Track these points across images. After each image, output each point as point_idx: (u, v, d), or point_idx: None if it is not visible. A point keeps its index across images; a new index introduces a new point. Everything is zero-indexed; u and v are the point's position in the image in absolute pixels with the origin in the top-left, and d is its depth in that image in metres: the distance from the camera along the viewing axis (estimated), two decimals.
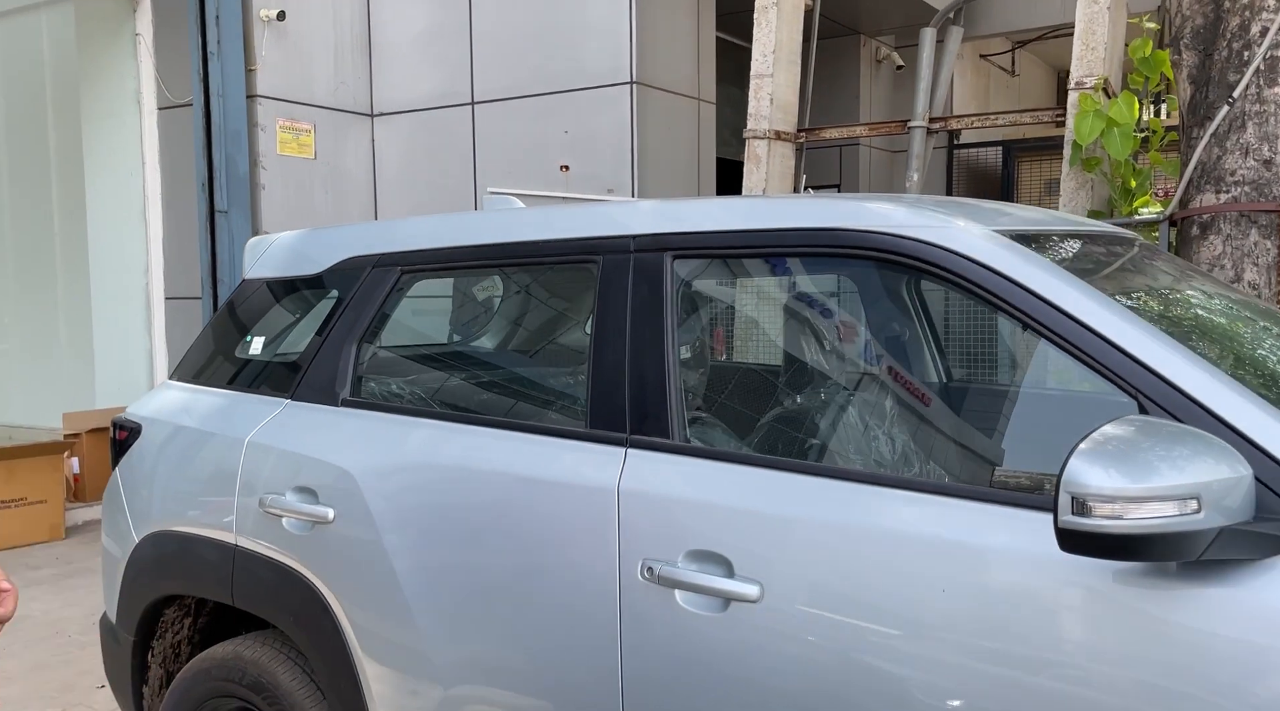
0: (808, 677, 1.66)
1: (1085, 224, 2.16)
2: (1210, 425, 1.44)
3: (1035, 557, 1.48)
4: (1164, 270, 2.07)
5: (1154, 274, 2.00)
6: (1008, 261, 1.67)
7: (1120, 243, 2.09)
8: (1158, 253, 2.17)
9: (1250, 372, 1.68)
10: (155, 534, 2.58)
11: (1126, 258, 1.99)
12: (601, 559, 1.90)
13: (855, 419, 2.04)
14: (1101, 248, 1.97)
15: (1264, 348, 1.81)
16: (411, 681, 2.13)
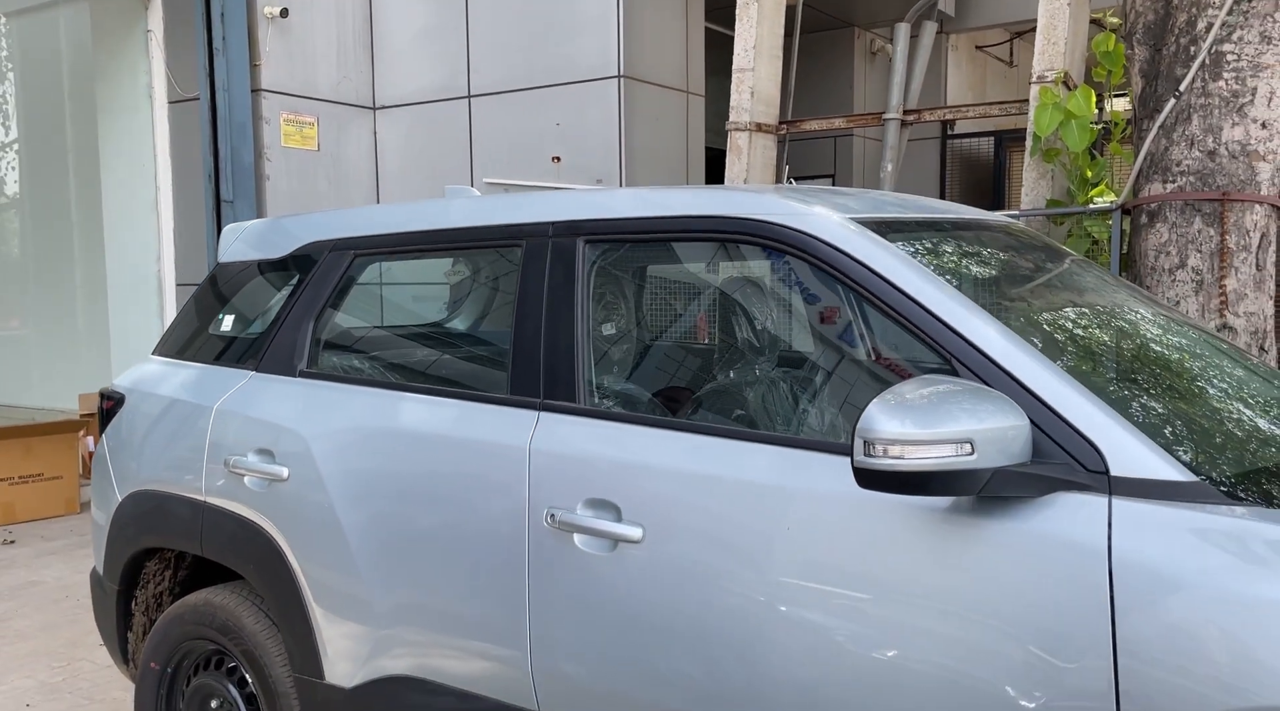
0: (680, 606, 1.90)
1: (953, 212, 2.37)
2: (1005, 382, 1.66)
3: (858, 497, 1.72)
4: (1013, 253, 2.29)
5: (1000, 255, 2.23)
6: (853, 243, 1.90)
7: (978, 228, 2.31)
8: (1020, 238, 2.39)
9: (1053, 339, 1.90)
10: (135, 493, 2.85)
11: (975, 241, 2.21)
12: (513, 509, 2.14)
13: (729, 383, 2.28)
14: (951, 233, 2.20)
15: (1073, 318, 2.04)
16: (354, 621, 2.39)
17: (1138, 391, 1.84)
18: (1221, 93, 4.55)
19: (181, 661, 2.82)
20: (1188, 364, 2.07)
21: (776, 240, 1.99)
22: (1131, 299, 2.34)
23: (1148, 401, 1.81)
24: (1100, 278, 2.40)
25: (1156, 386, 1.94)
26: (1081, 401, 1.63)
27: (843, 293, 2.18)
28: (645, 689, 1.96)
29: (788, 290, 2.29)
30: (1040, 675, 1.54)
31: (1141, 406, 1.77)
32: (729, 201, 2.09)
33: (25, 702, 3.77)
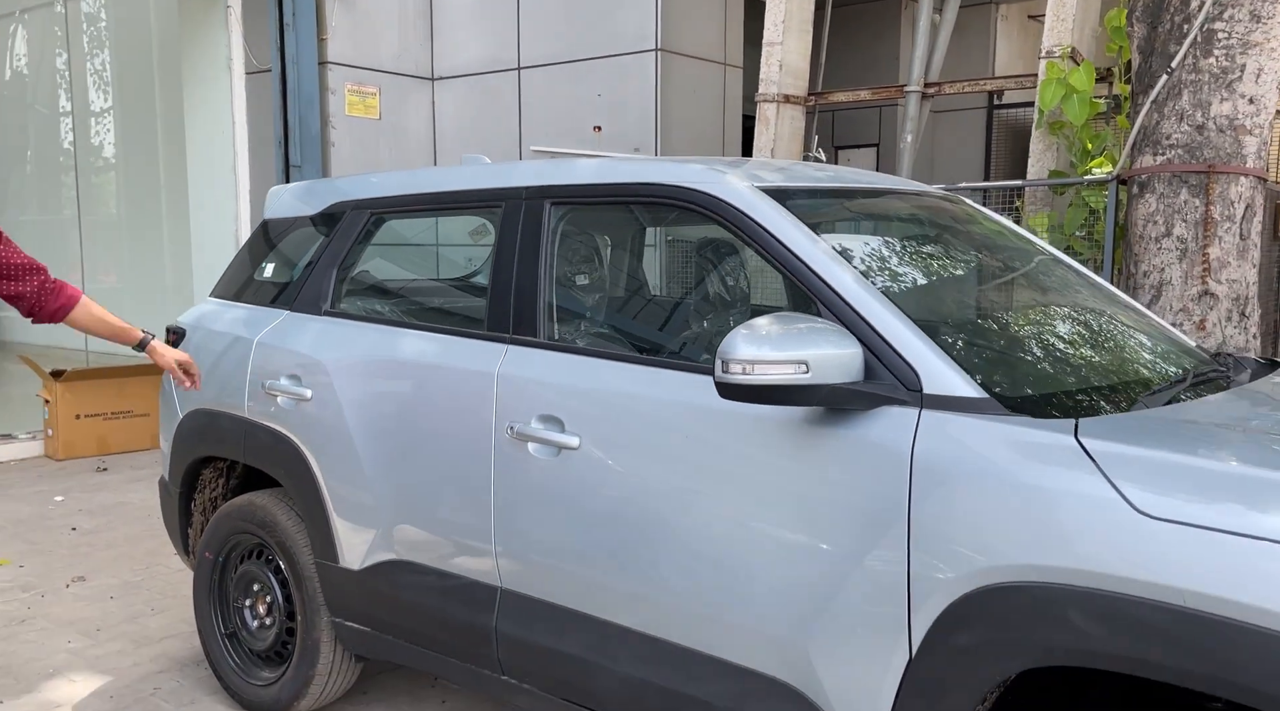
0: (605, 499, 2.36)
1: (869, 182, 2.76)
2: (851, 317, 2.07)
3: (731, 410, 2.14)
4: (909, 218, 2.67)
5: (896, 220, 2.62)
6: (751, 205, 2.31)
7: (888, 196, 2.69)
8: (930, 207, 2.76)
9: (905, 286, 2.29)
10: (193, 411, 3.41)
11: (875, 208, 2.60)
12: (483, 423, 2.62)
13: (654, 321, 2.71)
14: (851, 201, 2.59)
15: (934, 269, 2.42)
16: (361, 515, 2.90)
17: (961, 329, 2.23)
18: (1212, 69, 4.78)
19: (230, 552, 3.37)
20: (1029, 311, 2.45)
21: (696, 203, 2.41)
22: (1011, 255, 2.71)
23: (966, 337, 2.20)
24: (987, 240, 2.76)
25: (981, 326, 2.32)
26: (908, 334, 2.03)
27: (742, 245, 2.60)
28: (579, 565, 2.42)
29: (706, 246, 2.71)
30: (860, 545, 1.96)
31: (958, 340, 2.16)
32: (661, 171, 2.51)
33: (110, 595, 4.40)
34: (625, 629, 2.35)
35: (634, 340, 2.74)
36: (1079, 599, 1.71)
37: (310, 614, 3.08)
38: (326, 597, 3.03)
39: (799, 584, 2.04)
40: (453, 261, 3.28)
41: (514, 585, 2.59)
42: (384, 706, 3.38)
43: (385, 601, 2.87)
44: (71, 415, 7.01)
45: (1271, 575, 1.57)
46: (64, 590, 4.48)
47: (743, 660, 2.16)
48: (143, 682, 3.54)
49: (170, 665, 3.69)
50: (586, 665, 2.42)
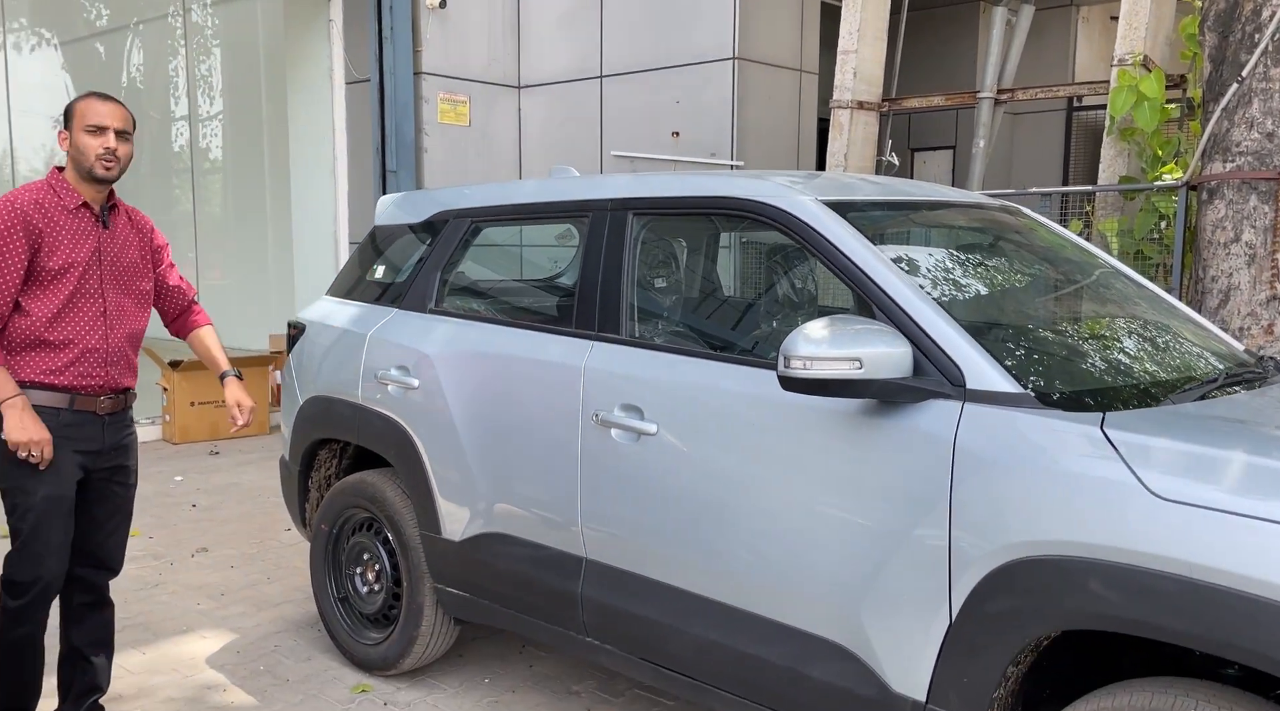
0: (680, 480, 2.65)
1: (929, 195, 3.00)
2: (902, 320, 2.32)
3: (793, 401, 2.41)
4: (966, 228, 2.91)
5: (953, 230, 2.85)
6: (815, 217, 2.58)
7: (944, 208, 2.93)
8: (988, 218, 3.00)
9: (955, 291, 2.53)
10: (312, 397, 3.79)
11: (932, 219, 2.84)
12: (571, 411, 2.93)
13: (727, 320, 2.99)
14: (909, 212, 2.83)
15: (984, 276, 2.66)
16: (461, 492, 3.24)
17: (1002, 331, 2.47)
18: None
19: (343, 524, 3.75)
20: (1070, 315, 2.67)
21: (766, 215, 2.69)
22: (1060, 263, 2.93)
23: (1007, 338, 2.44)
24: (1047, 251, 2.98)
25: (1022, 328, 2.56)
26: (954, 335, 2.27)
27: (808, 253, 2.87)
28: (656, 538, 2.72)
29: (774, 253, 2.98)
30: (907, 523, 2.22)
31: (1000, 341, 2.40)
32: (735, 186, 2.80)
33: (230, 565, 4.84)
34: (697, 596, 2.64)
35: (707, 337, 3.03)
36: (1099, 570, 1.95)
37: (415, 581, 3.43)
38: (430, 566, 3.38)
39: (853, 557, 2.31)
40: (541, 265, 3.61)
41: (597, 556, 2.89)
42: (477, 667, 3.72)
43: (482, 569, 3.21)
44: (187, 402, 7.56)
45: (1270, 550, 1.78)
46: (190, 559, 4.93)
47: (802, 624, 2.43)
48: (264, 641, 3.95)
49: (287, 626, 4.09)
50: (663, 628, 2.71)
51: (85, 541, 3.02)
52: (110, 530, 3.10)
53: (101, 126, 2.85)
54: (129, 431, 3.12)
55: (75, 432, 2.90)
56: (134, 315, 3.06)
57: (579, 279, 3.08)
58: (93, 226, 2.95)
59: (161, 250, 3.21)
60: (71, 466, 2.90)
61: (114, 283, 2.99)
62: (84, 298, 2.91)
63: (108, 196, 3.00)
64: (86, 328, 2.92)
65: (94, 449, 2.96)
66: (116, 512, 3.10)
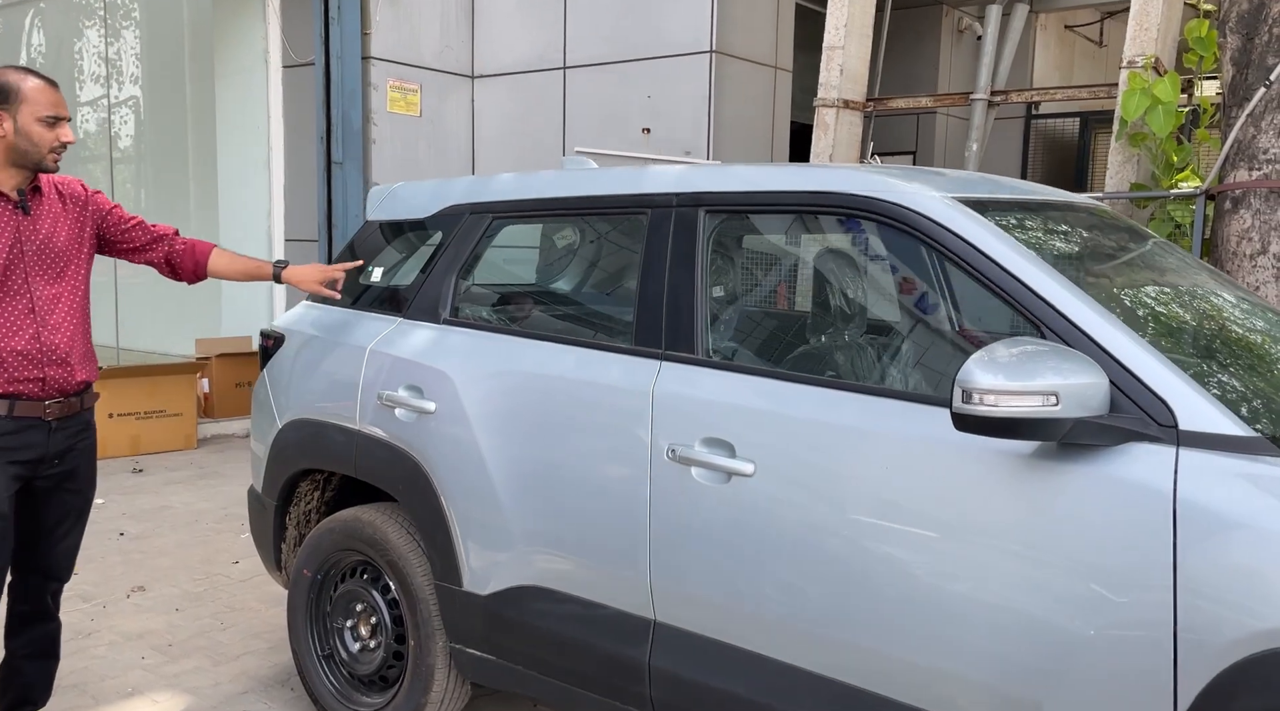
0: (790, 532, 2.20)
1: (1040, 193, 2.62)
2: (1088, 346, 1.92)
3: (945, 440, 1.99)
4: (1097, 232, 2.53)
5: (1084, 233, 2.47)
6: (952, 219, 2.16)
7: (1064, 208, 2.55)
8: (1104, 219, 2.62)
9: (1133, 310, 2.14)
10: (295, 421, 3.23)
11: (1061, 220, 2.45)
12: (638, 444, 2.46)
13: (832, 342, 2.56)
14: (1038, 212, 2.44)
15: (1152, 293, 2.28)
16: (492, 538, 2.73)
17: (1208, 358, 2.09)
18: None
19: (330, 569, 3.20)
20: (1257, 337, 2.30)
21: (881, 214, 2.26)
22: (1210, 279, 2.57)
23: (1216, 367, 2.05)
24: (1181, 259, 2.63)
25: (1226, 355, 2.17)
26: (1156, 364, 1.88)
27: (938, 262, 2.45)
28: (753, 601, 2.26)
29: (889, 261, 2.56)
30: (1113, 594, 1.80)
31: (1210, 371, 2.01)
32: (838, 178, 2.36)
33: (174, 607, 4.22)
34: (808, 672, 2.20)
35: (813, 361, 2.59)
36: None
37: (424, 638, 2.91)
38: (446, 622, 2.86)
39: (1031, 632, 1.89)
40: (579, 270, 3.12)
41: (672, 619, 2.43)
42: None
43: (515, 629, 2.71)
44: (105, 414, 6.80)
45: None
46: (125, 601, 4.29)
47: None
48: (229, 705, 3.37)
49: (254, 684, 3.52)
50: (760, 709, 2.26)
51: (31, 549, 2.81)
52: (59, 537, 2.86)
53: (59, 117, 2.66)
54: (84, 436, 2.84)
55: (13, 441, 2.65)
56: (72, 304, 2.76)
57: (639, 288, 2.61)
58: (10, 215, 2.67)
59: (110, 214, 2.94)
60: (5, 480, 2.64)
61: (42, 273, 2.70)
62: (6, 296, 2.63)
63: (29, 178, 2.69)
64: (11, 329, 2.64)
65: (34, 457, 2.70)
66: (66, 518, 2.86)
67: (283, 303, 8.28)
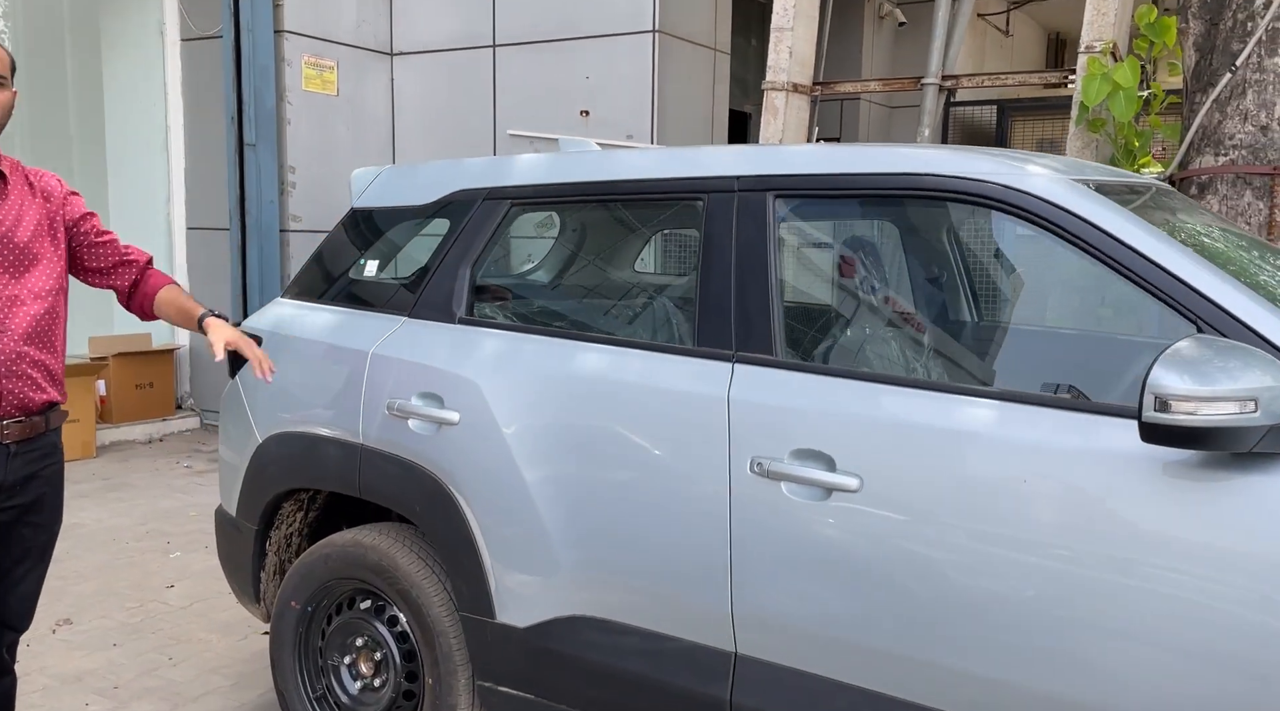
0: (909, 555, 1.98)
1: (1120, 175, 2.46)
2: (1255, 343, 1.75)
3: (1104, 451, 1.80)
4: (1191, 212, 2.38)
5: (1186, 215, 2.32)
6: (1085, 206, 1.97)
7: (1147, 190, 2.40)
8: (1178, 197, 2.49)
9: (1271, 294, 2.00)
10: (280, 435, 2.85)
11: (1166, 202, 2.30)
12: (713, 458, 2.20)
13: (934, 339, 2.35)
14: (1144, 194, 2.28)
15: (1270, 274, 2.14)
16: (533, 564, 2.43)
17: None
18: (1276, 69, 4.69)
19: (323, 600, 2.84)
20: None
21: (994, 199, 2.05)
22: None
23: None
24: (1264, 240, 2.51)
25: None
26: None
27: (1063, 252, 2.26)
28: (862, 631, 2.04)
29: (993, 249, 2.36)
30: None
31: None
32: (940, 160, 2.15)
33: (111, 642, 3.75)
34: (925, 709, 1.98)
35: (913, 362, 2.37)
36: None
37: (445, 676, 2.60)
38: (475, 658, 2.55)
39: (1214, 668, 1.72)
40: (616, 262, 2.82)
41: (758, 651, 2.18)
42: None
43: (563, 665, 2.42)
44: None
45: None
46: (51, 636, 3.80)
47: None
48: None
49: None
50: None
51: None
52: (18, 578, 2.52)
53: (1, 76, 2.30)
54: (50, 461, 2.49)
55: None
56: (34, 310, 2.36)
57: (699, 282, 2.35)
58: None
59: (83, 221, 2.55)
60: None
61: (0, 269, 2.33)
62: None
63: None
64: None
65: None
66: (27, 557, 2.52)
67: None
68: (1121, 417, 1.80)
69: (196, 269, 7.59)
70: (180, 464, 6.57)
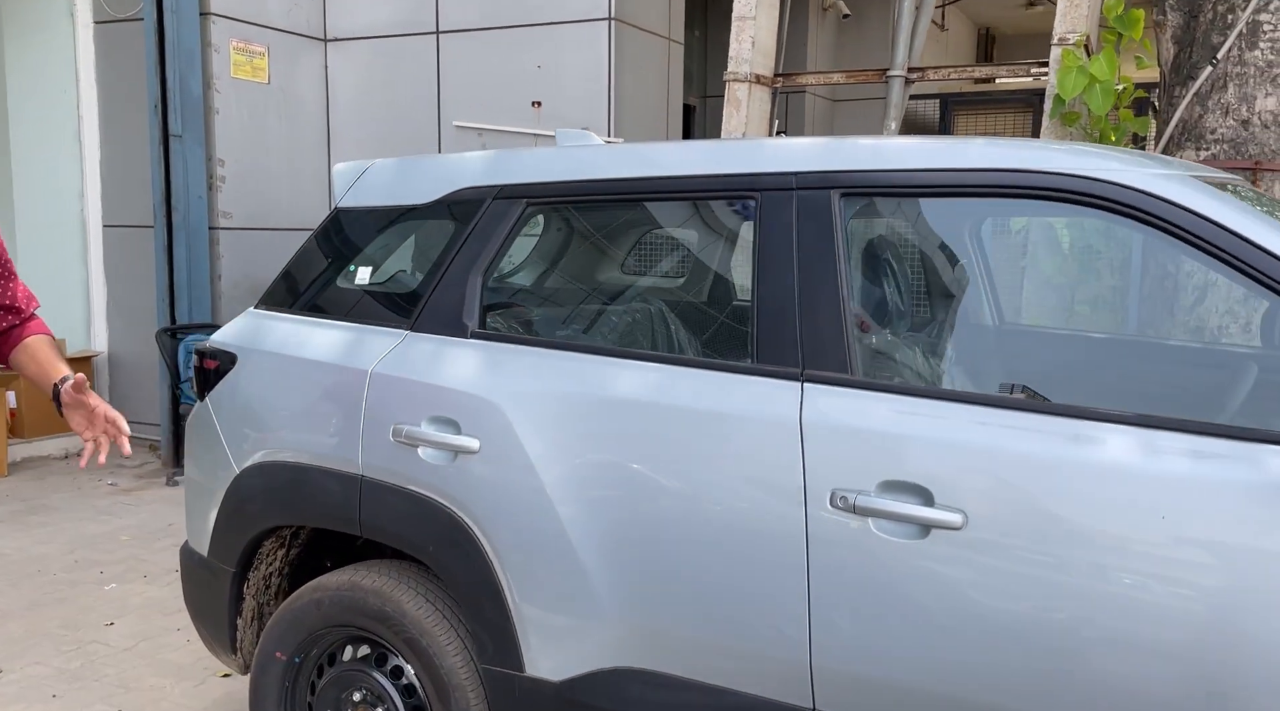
0: (1011, 601, 1.76)
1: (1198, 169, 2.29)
2: None
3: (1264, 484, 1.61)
4: None
5: None
6: (1207, 204, 1.77)
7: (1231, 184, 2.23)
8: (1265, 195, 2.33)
9: None
10: (262, 465, 2.51)
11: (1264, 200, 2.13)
12: (784, 490, 1.95)
13: (1055, 354, 2.14)
14: (1247, 191, 2.11)
15: None
16: (569, 610, 2.15)
17: None
18: (1257, 62, 4.64)
19: (312, 649, 2.52)
20: None
21: (1109, 199, 1.85)
22: None
23: None
24: None
25: None
26: None
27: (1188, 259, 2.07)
28: (958, 686, 1.82)
29: (1108, 255, 2.15)
30: None
31: None
32: (1040, 157, 1.93)
33: (51, 693, 3.34)
34: None
35: (1020, 382, 2.14)
36: None
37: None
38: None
39: None
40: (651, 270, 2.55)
41: (841, 708, 1.94)
42: None
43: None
44: None
45: None
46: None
47: None
48: None
49: None
50: None
51: None
52: None
53: None
54: None
55: None
56: None
57: (755, 291, 2.10)
58: None
59: None
60: None
61: None
62: None
63: None
64: None
65: None
66: None
67: (100, 300, 7.13)
68: None
69: (115, 270, 7.06)
70: (104, 481, 6.07)
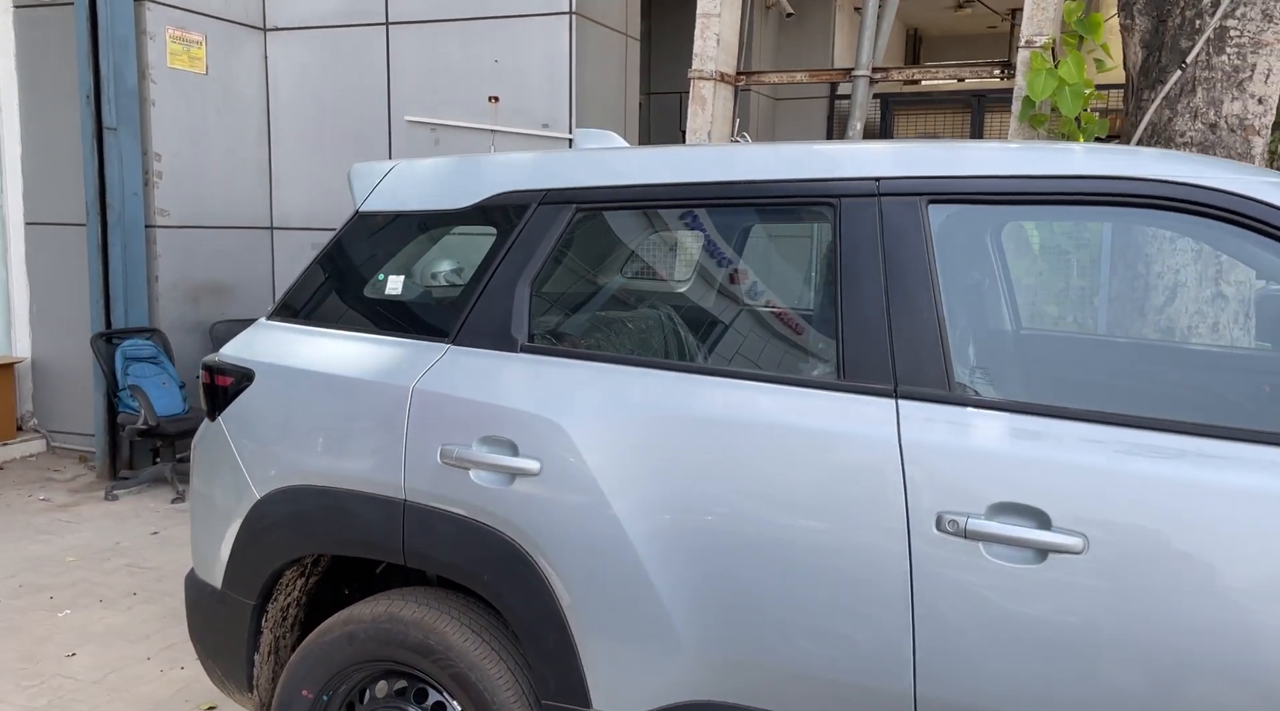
0: (1136, 629, 1.70)
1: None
2: None
3: None
4: None
5: None
6: None
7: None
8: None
9: None
10: (287, 489, 2.32)
11: None
12: (885, 512, 1.86)
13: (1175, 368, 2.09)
14: None
15: None
16: (643, 642, 2.03)
17: None
18: (1224, 67, 4.73)
19: (340, 685, 2.34)
20: None
21: (1214, 206, 1.80)
22: None
23: None
24: None
25: None
26: None
27: None
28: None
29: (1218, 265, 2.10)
30: None
31: None
32: (1139, 164, 1.88)
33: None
34: None
35: (1145, 399, 2.07)
36: None
37: None
38: None
39: None
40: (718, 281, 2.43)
41: None
42: None
43: None
44: None
45: None
46: None
47: None
48: None
49: None
50: None
51: None
52: None
53: None
54: None
55: None
56: None
57: (840, 305, 2.00)
58: None
59: None
60: None
61: None
62: None
63: None
64: None
65: None
66: None
67: (22, 303, 6.69)
68: None
69: (39, 271, 6.63)
70: (36, 497, 5.69)
